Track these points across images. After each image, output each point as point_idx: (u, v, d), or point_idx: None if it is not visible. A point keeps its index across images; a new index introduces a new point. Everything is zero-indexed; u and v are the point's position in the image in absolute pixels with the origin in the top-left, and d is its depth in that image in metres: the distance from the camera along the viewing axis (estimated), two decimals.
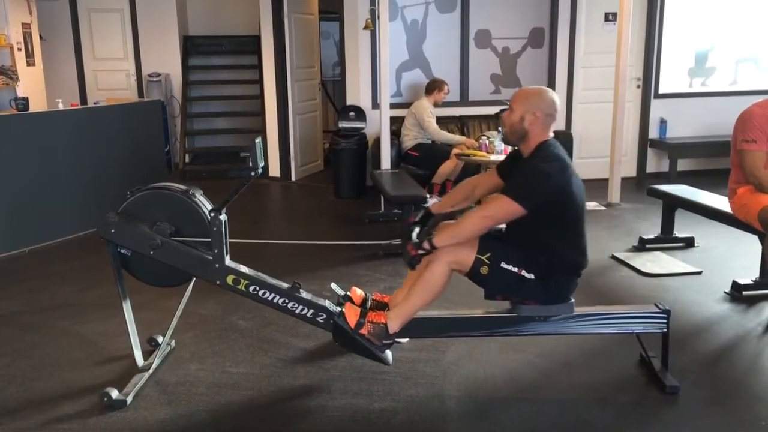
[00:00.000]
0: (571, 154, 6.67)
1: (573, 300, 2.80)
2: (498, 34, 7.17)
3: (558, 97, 2.76)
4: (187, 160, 8.45)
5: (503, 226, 2.83)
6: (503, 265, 2.65)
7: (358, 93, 7.06)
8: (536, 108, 2.67)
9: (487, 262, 2.64)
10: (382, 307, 2.94)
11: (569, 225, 2.69)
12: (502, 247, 2.69)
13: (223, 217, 2.81)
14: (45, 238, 5.16)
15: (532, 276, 2.66)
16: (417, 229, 2.90)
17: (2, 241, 4.90)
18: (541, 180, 2.60)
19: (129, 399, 2.73)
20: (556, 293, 2.75)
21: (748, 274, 3.96)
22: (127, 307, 2.94)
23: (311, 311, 2.82)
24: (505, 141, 2.92)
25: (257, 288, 2.82)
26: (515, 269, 2.66)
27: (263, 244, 4.96)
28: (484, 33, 7.16)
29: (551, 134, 2.73)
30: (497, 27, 7.16)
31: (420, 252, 2.68)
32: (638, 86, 7.41)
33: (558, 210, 2.64)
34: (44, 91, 7.44)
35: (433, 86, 6.46)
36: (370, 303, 2.98)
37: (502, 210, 2.61)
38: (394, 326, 2.73)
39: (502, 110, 5.69)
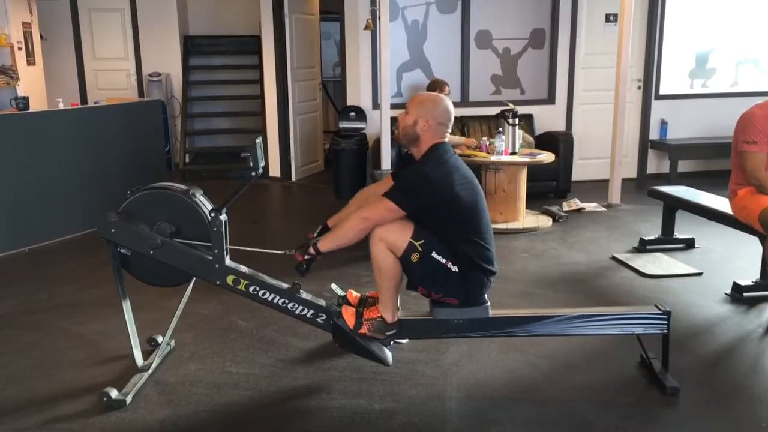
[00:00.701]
0: (571, 155, 6.67)
1: (488, 303, 2.79)
2: (499, 34, 7.17)
3: (452, 106, 2.79)
4: (187, 160, 8.45)
5: None
6: (434, 254, 2.66)
7: (358, 93, 7.06)
8: (429, 115, 2.71)
9: (420, 249, 2.64)
10: (375, 303, 2.93)
11: (462, 226, 2.69)
12: (434, 237, 2.68)
13: (223, 217, 2.81)
14: (45, 237, 5.16)
15: (456, 269, 2.68)
16: (306, 245, 2.86)
17: (2, 241, 4.90)
18: (422, 182, 2.63)
19: (128, 399, 2.73)
20: (472, 291, 2.75)
21: (749, 276, 3.96)
22: (126, 307, 2.94)
23: (311, 312, 2.82)
24: (398, 142, 2.95)
25: (257, 288, 2.81)
26: (443, 260, 2.67)
27: (263, 245, 4.95)
28: (485, 34, 7.16)
29: (446, 139, 2.76)
30: (498, 28, 7.16)
31: (306, 257, 2.74)
32: (639, 87, 7.41)
33: (446, 212, 2.66)
34: (44, 90, 7.44)
35: (434, 87, 6.44)
36: (368, 302, 2.98)
37: (382, 211, 2.64)
38: (388, 315, 2.75)
39: (503, 111, 5.73)
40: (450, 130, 2.80)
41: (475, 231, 2.71)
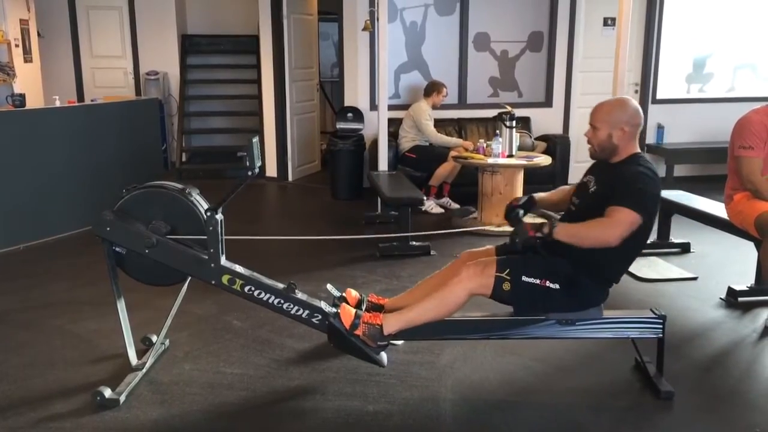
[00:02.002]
0: (568, 158, 6.69)
1: (602, 304, 2.78)
2: (497, 37, 7.18)
3: (637, 104, 2.74)
4: (183, 159, 8.42)
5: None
6: (524, 278, 2.62)
7: (356, 94, 7.06)
8: (622, 122, 2.66)
9: (508, 278, 2.61)
10: (377, 308, 2.93)
11: (637, 240, 2.62)
12: (521, 260, 2.67)
13: (219, 216, 2.80)
14: (40, 235, 5.14)
15: (557, 286, 2.63)
16: (521, 212, 2.85)
17: None
18: (651, 187, 2.57)
19: (122, 398, 2.72)
20: (585, 301, 2.71)
21: (744, 281, 3.97)
22: (121, 306, 2.93)
23: (306, 312, 2.81)
24: (594, 157, 2.85)
25: (253, 288, 2.80)
26: (538, 281, 2.63)
27: (259, 244, 4.95)
28: (483, 36, 7.16)
29: (637, 145, 2.71)
30: (496, 30, 7.17)
31: (537, 235, 2.59)
32: (636, 91, 7.42)
33: (648, 222, 2.59)
34: (41, 88, 7.43)
35: (432, 89, 6.46)
36: (365, 305, 2.97)
37: (627, 224, 2.48)
38: (390, 328, 2.71)
39: (501, 113, 5.73)
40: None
41: (639, 250, 2.70)
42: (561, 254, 2.64)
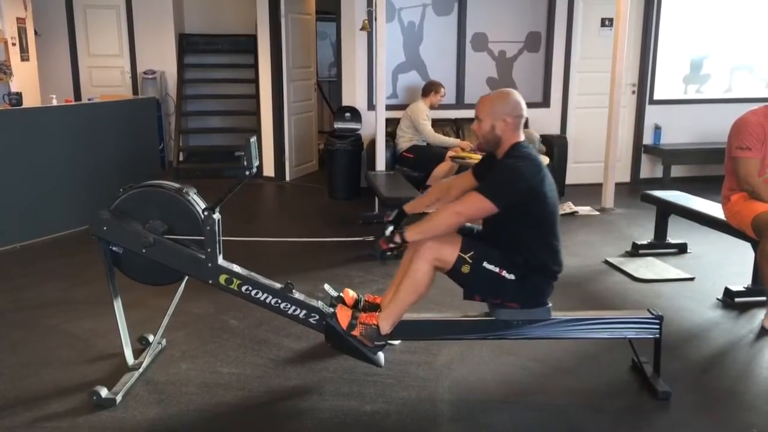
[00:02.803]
0: (565, 159, 6.69)
1: (550, 304, 2.79)
2: (495, 37, 7.18)
3: (519, 95, 2.78)
4: (181, 158, 8.40)
5: (479, 225, 2.85)
6: (485, 264, 2.65)
7: (353, 94, 7.05)
8: (504, 114, 2.70)
9: (470, 261, 2.64)
10: (374, 308, 2.93)
11: (541, 225, 2.70)
12: (485, 246, 2.69)
13: (216, 216, 2.79)
14: (36, 234, 5.12)
15: (512, 277, 2.67)
16: (390, 228, 2.89)
17: None
18: (515, 178, 2.62)
19: (118, 398, 2.71)
20: (534, 296, 2.76)
21: (741, 281, 3.97)
22: (117, 305, 2.92)
23: (304, 312, 2.81)
24: (480, 149, 2.93)
25: (250, 288, 2.80)
26: (496, 269, 2.66)
27: (256, 244, 4.94)
28: (481, 36, 7.17)
29: (522, 135, 2.76)
30: (494, 30, 7.17)
31: (391, 245, 2.69)
32: (633, 92, 7.43)
33: (530, 209, 2.66)
34: (38, 86, 7.41)
35: (430, 89, 6.46)
36: (362, 304, 2.97)
37: (475, 206, 2.62)
38: (385, 327, 2.73)
39: None
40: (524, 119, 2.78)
41: (552, 233, 2.72)
42: (504, 247, 2.69)
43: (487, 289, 2.73)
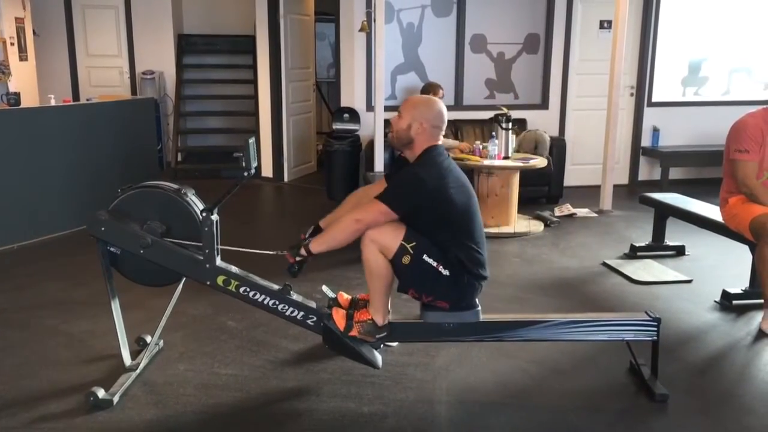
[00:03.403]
0: (564, 160, 6.69)
1: (479, 308, 2.79)
2: (493, 39, 7.19)
3: (445, 109, 2.79)
4: (179, 158, 8.41)
5: None
6: (425, 257, 2.65)
7: (352, 95, 7.05)
8: (423, 118, 2.71)
9: (411, 252, 2.63)
10: (366, 305, 2.93)
11: (454, 229, 2.69)
12: (426, 240, 2.68)
13: (215, 217, 2.79)
14: (34, 234, 5.12)
15: (447, 273, 2.67)
16: (304, 242, 2.85)
17: None
18: (415, 185, 2.63)
19: (116, 399, 2.71)
20: (463, 295, 2.75)
21: (738, 284, 3.97)
22: (115, 306, 2.92)
23: (301, 313, 2.81)
24: (391, 144, 2.93)
25: (247, 289, 2.80)
26: (434, 263, 2.66)
27: (254, 245, 4.94)
28: (480, 38, 7.17)
29: (439, 141, 2.76)
30: (493, 32, 7.17)
31: (298, 259, 2.74)
32: (631, 94, 7.44)
33: (439, 215, 2.66)
34: (36, 86, 7.40)
35: (428, 90, 6.43)
36: (358, 304, 2.97)
37: (375, 213, 2.63)
38: (378, 318, 2.75)
39: (497, 115, 5.74)
40: (444, 133, 2.80)
41: (468, 235, 2.71)
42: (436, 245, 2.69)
43: (422, 283, 2.71)
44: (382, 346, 2.97)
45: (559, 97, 7.30)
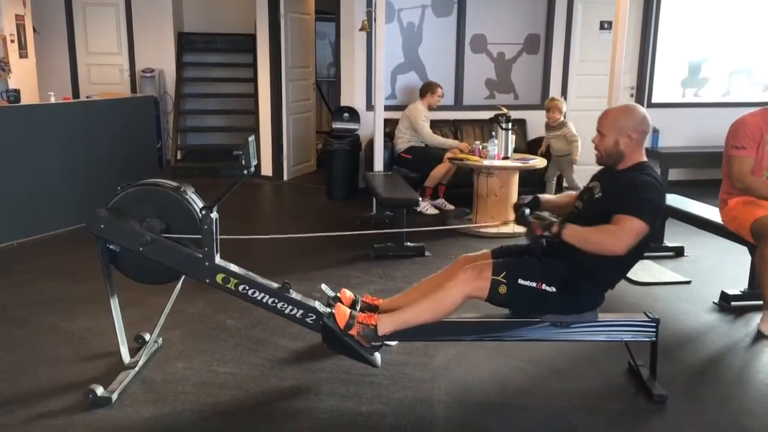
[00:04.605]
0: None
1: (597, 311, 2.78)
2: (493, 39, 7.19)
3: (645, 111, 2.74)
4: (179, 157, 8.41)
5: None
6: (521, 281, 2.62)
7: (352, 94, 7.05)
8: (629, 129, 2.66)
9: (504, 281, 2.61)
10: (372, 309, 2.93)
11: (643, 244, 2.62)
12: (516, 262, 2.67)
13: (214, 215, 2.79)
14: (33, 231, 5.11)
15: (553, 289, 2.64)
16: (527, 210, 2.83)
17: None
18: (657, 195, 2.59)
19: (114, 396, 2.71)
20: (581, 304, 2.72)
21: (737, 285, 3.98)
22: (114, 304, 2.92)
23: (301, 312, 2.81)
24: (600, 163, 2.86)
25: (247, 287, 2.80)
26: (533, 284, 2.63)
27: (254, 244, 4.94)
28: (480, 38, 7.17)
29: (644, 151, 2.73)
30: (493, 32, 7.18)
31: (545, 234, 2.60)
32: (631, 95, 7.44)
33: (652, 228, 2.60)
34: (36, 83, 7.39)
35: (426, 89, 6.46)
36: (360, 305, 2.97)
37: (634, 233, 2.50)
38: (384, 329, 2.71)
39: (497, 115, 5.74)
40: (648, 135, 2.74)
41: (641, 253, 2.68)
42: (560, 257, 2.65)
43: (530, 306, 2.68)
44: (382, 344, 2.96)
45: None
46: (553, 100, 6.26)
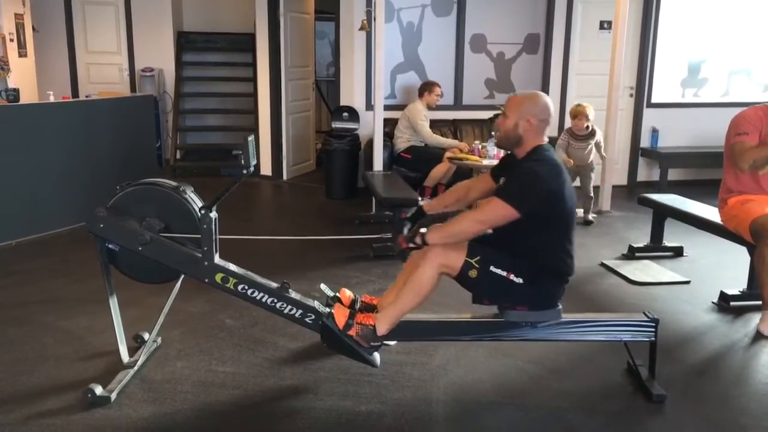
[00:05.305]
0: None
1: (560, 306, 2.80)
2: (493, 39, 7.19)
3: (551, 100, 2.78)
4: (178, 156, 8.41)
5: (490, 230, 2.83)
6: (492, 268, 2.65)
7: (351, 94, 7.05)
8: (530, 114, 2.68)
9: (477, 265, 2.64)
10: (371, 309, 2.93)
11: (559, 230, 2.70)
12: (491, 250, 2.69)
13: (213, 214, 2.79)
14: (32, 231, 5.11)
15: (520, 280, 2.67)
16: (408, 225, 2.90)
17: None
18: (536, 182, 2.61)
19: (113, 396, 2.71)
20: (544, 298, 2.76)
21: (736, 285, 3.98)
22: (113, 303, 2.92)
23: (300, 311, 2.81)
24: (499, 145, 2.92)
25: (246, 287, 2.80)
26: (504, 273, 2.66)
27: (253, 243, 4.94)
28: (480, 37, 7.17)
29: (545, 139, 2.74)
30: (493, 32, 7.18)
31: (411, 246, 2.70)
32: (631, 95, 7.44)
33: (549, 214, 2.65)
34: (35, 83, 7.39)
35: (424, 88, 6.47)
36: (359, 305, 2.97)
37: (497, 213, 2.61)
38: (382, 328, 2.73)
39: (496, 115, 5.73)
40: (550, 126, 2.77)
41: (568, 235, 2.71)
42: (519, 255, 2.68)
43: (495, 293, 2.73)
44: (380, 344, 2.96)
45: (558, 98, 7.30)
46: (579, 106, 5.69)
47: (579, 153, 5.73)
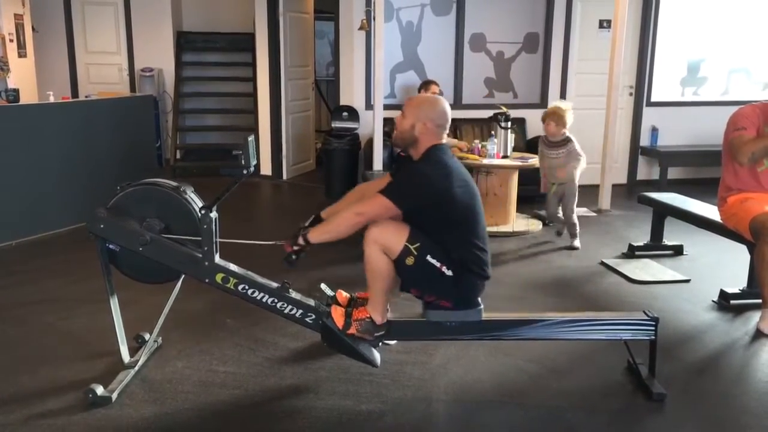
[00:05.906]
0: None
1: (482, 306, 2.80)
2: (493, 38, 7.19)
3: (449, 107, 2.81)
4: (178, 156, 8.41)
5: None
6: (429, 258, 2.65)
7: (351, 93, 7.05)
8: (427, 118, 2.71)
9: (415, 252, 2.63)
10: (364, 303, 2.93)
11: (459, 226, 2.70)
12: (429, 240, 2.68)
13: (213, 214, 2.79)
14: (32, 231, 5.11)
15: (450, 273, 2.67)
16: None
17: None
18: (420, 182, 2.65)
19: (114, 396, 2.71)
20: (467, 294, 2.76)
21: (736, 283, 3.98)
22: (114, 303, 2.92)
23: (300, 311, 2.81)
24: (394, 144, 2.95)
25: (246, 287, 2.80)
26: (438, 264, 2.66)
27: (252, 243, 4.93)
28: (479, 37, 7.17)
29: (443, 140, 2.77)
30: (492, 31, 7.18)
31: (295, 248, 2.74)
32: (630, 94, 7.44)
33: (443, 212, 2.66)
34: (35, 83, 7.39)
35: (422, 87, 6.45)
36: (357, 302, 2.97)
37: (377, 207, 2.64)
38: (377, 317, 2.75)
39: (496, 114, 5.74)
40: (447, 132, 2.80)
41: (472, 234, 2.72)
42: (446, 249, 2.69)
43: (425, 284, 2.74)
44: (380, 344, 2.97)
45: (558, 97, 7.28)
46: (552, 107, 5.11)
47: (551, 162, 5.11)
